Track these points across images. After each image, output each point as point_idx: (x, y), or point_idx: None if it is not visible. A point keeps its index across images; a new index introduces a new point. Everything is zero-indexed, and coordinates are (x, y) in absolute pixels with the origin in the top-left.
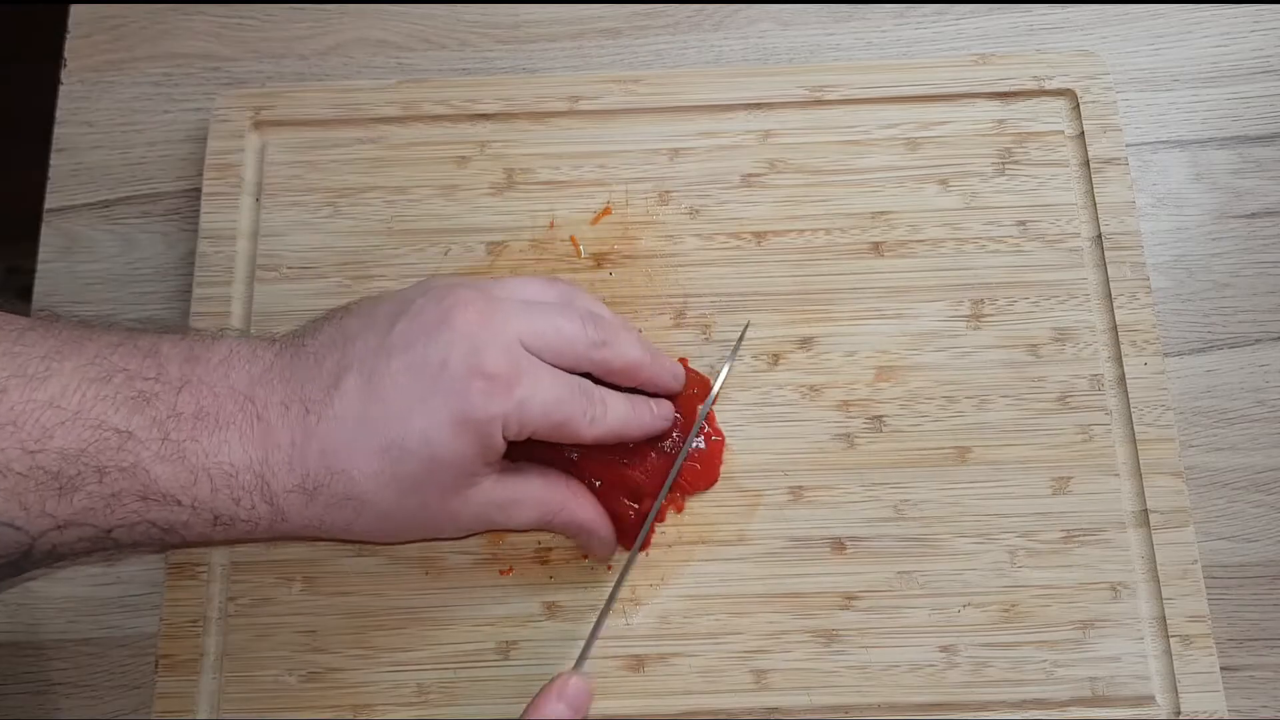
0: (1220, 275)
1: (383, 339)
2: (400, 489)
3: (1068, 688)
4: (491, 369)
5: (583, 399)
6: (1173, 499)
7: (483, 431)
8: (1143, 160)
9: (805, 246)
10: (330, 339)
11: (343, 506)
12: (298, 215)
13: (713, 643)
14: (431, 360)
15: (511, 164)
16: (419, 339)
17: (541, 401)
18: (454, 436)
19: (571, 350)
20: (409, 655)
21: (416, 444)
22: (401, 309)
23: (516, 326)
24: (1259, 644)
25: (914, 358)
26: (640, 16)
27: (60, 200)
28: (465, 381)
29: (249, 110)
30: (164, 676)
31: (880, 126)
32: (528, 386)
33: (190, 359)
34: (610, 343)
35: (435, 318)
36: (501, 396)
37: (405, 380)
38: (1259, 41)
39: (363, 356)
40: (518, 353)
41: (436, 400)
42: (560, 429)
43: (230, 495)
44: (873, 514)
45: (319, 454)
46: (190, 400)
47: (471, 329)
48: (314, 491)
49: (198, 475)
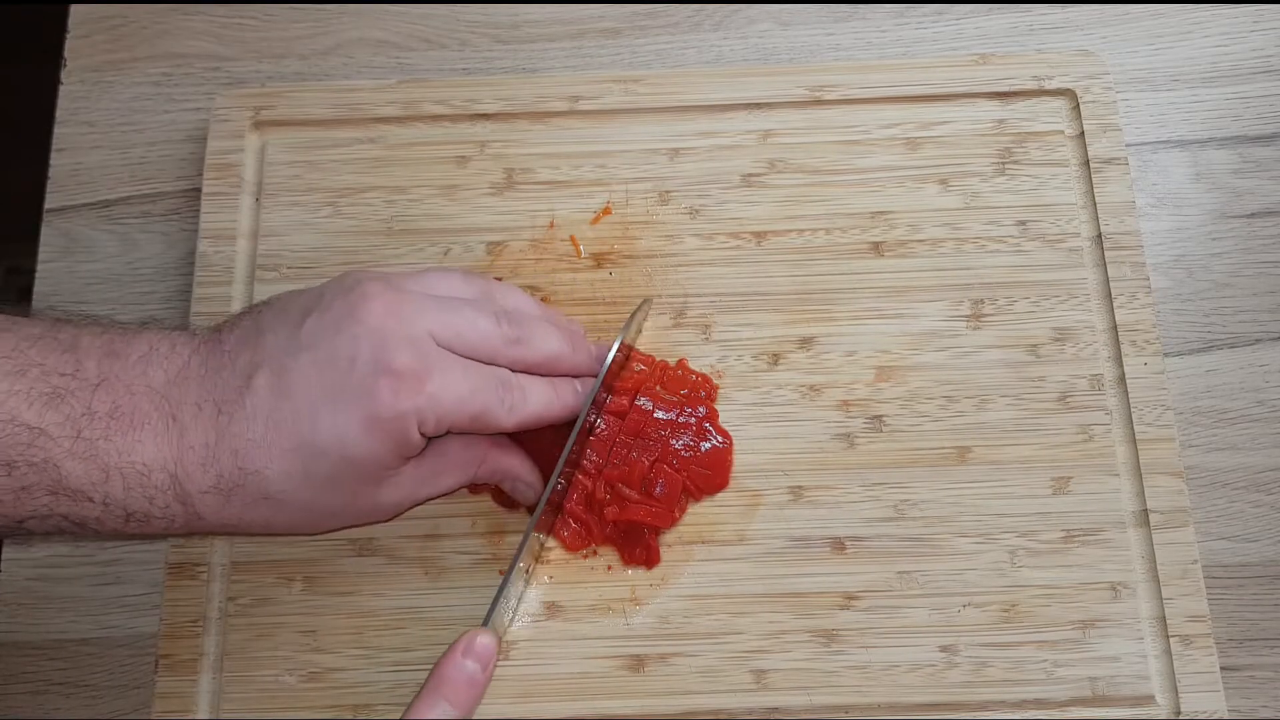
0: (1220, 275)
1: (293, 335)
2: (316, 487)
3: (1068, 688)
4: (399, 366)
5: (499, 389)
6: (1173, 499)
7: (395, 429)
8: (1143, 160)
9: (805, 246)
10: (245, 335)
11: (259, 505)
12: (298, 215)
13: (713, 643)
14: (339, 357)
15: (511, 164)
16: (327, 335)
17: (455, 395)
18: (365, 436)
19: (486, 345)
20: (409, 655)
21: (328, 443)
22: (313, 304)
23: (427, 321)
24: (1259, 644)
25: (914, 358)
26: (640, 16)
27: (60, 200)
28: (372, 380)
29: (249, 110)
30: (164, 676)
31: (880, 126)
32: (439, 381)
33: (109, 355)
34: (525, 339)
35: (343, 312)
36: (410, 393)
37: (314, 378)
38: (1259, 41)
39: (273, 353)
40: (428, 347)
41: (345, 399)
42: (478, 420)
43: (143, 494)
44: (873, 514)
45: (232, 454)
46: (106, 399)
47: (379, 323)
48: (229, 492)
49: (109, 473)
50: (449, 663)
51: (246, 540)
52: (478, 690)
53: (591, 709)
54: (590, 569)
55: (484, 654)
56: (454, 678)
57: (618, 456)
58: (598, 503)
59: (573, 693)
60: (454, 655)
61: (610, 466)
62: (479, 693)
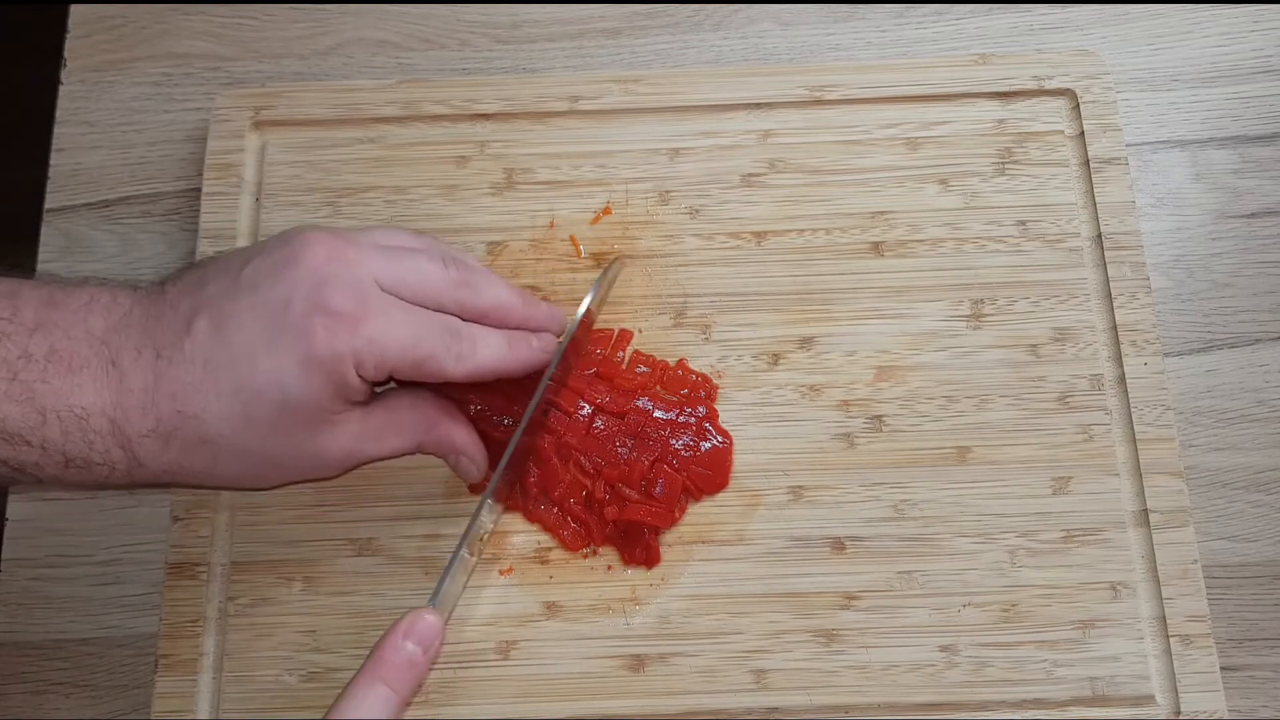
0: (1220, 275)
1: (233, 281)
2: (256, 431)
3: (1068, 687)
4: (335, 306)
5: (447, 336)
6: (1173, 499)
7: (332, 370)
8: (1143, 160)
9: (805, 246)
10: (188, 284)
11: (199, 450)
12: (298, 215)
13: (713, 643)
14: (276, 300)
15: (511, 164)
16: (265, 279)
17: (396, 338)
18: (303, 377)
19: (431, 289)
20: None
21: (266, 386)
22: (255, 252)
23: (371, 266)
24: (1259, 644)
25: (914, 358)
26: (640, 16)
27: (60, 200)
28: (308, 319)
29: (249, 110)
30: (164, 676)
31: (880, 126)
32: (378, 324)
33: (49, 304)
34: (472, 282)
35: (284, 257)
36: (346, 334)
37: (251, 321)
38: (1259, 41)
39: (214, 299)
40: (369, 290)
41: (283, 341)
42: (422, 367)
43: (82, 438)
44: (873, 514)
45: (170, 398)
46: (43, 342)
47: (318, 265)
48: (168, 436)
49: (47, 416)
50: (388, 644)
51: (246, 540)
52: (418, 673)
53: (591, 709)
54: (590, 569)
55: (426, 635)
56: (392, 660)
57: (617, 456)
58: (598, 503)
59: (573, 693)
60: (394, 636)
61: (610, 466)
62: (419, 675)
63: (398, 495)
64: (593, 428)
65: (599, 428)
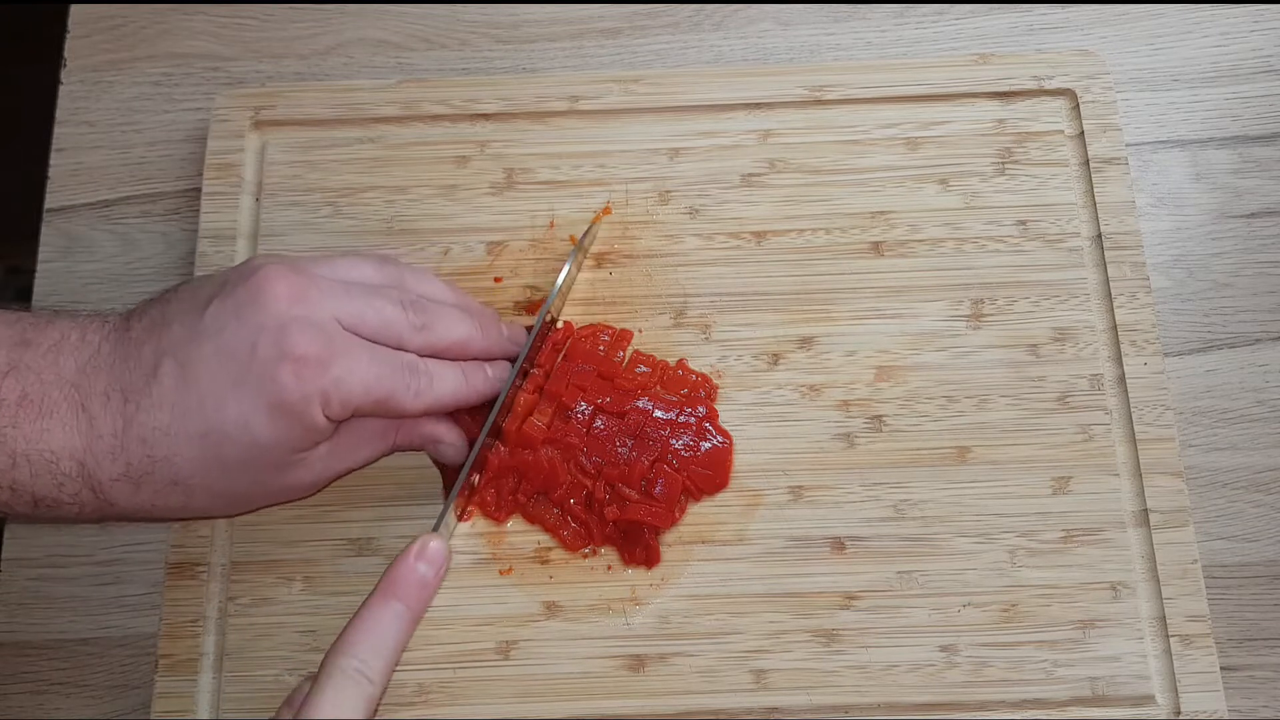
0: (1220, 275)
1: (196, 323)
2: (226, 472)
3: (1068, 687)
4: (301, 351)
5: (405, 374)
6: (1173, 499)
7: (299, 413)
8: (1143, 160)
9: (805, 246)
10: (152, 323)
11: (171, 492)
12: (298, 215)
13: (713, 643)
14: (240, 344)
15: (511, 164)
16: (229, 322)
17: (360, 379)
18: (271, 422)
19: (392, 332)
20: (409, 655)
21: (235, 430)
22: (217, 290)
23: (332, 306)
24: (1259, 644)
25: (914, 358)
26: (640, 16)
27: (60, 200)
28: (274, 365)
29: (249, 110)
30: (164, 676)
31: (880, 126)
32: (343, 365)
33: (21, 344)
34: (431, 325)
35: (245, 298)
36: (313, 378)
37: (217, 366)
38: (1259, 41)
39: (179, 341)
40: (332, 331)
41: (249, 386)
42: (383, 405)
43: (51, 481)
44: (873, 514)
45: (139, 442)
46: (15, 386)
47: (281, 308)
48: (139, 480)
49: (16, 460)
50: (402, 564)
51: (246, 540)
52: (428, 592)
53: (591, 709)
54: (590, 569)
55: (435, 558)
56: (407, 579)
57: (617, 456)
58: (598, 503)
59: (573, 693)
60: (407, 558)
61: (610, 466)
62: (429, 595)
63: (398, 495)
64: (593, 428)
65: (599, 428)
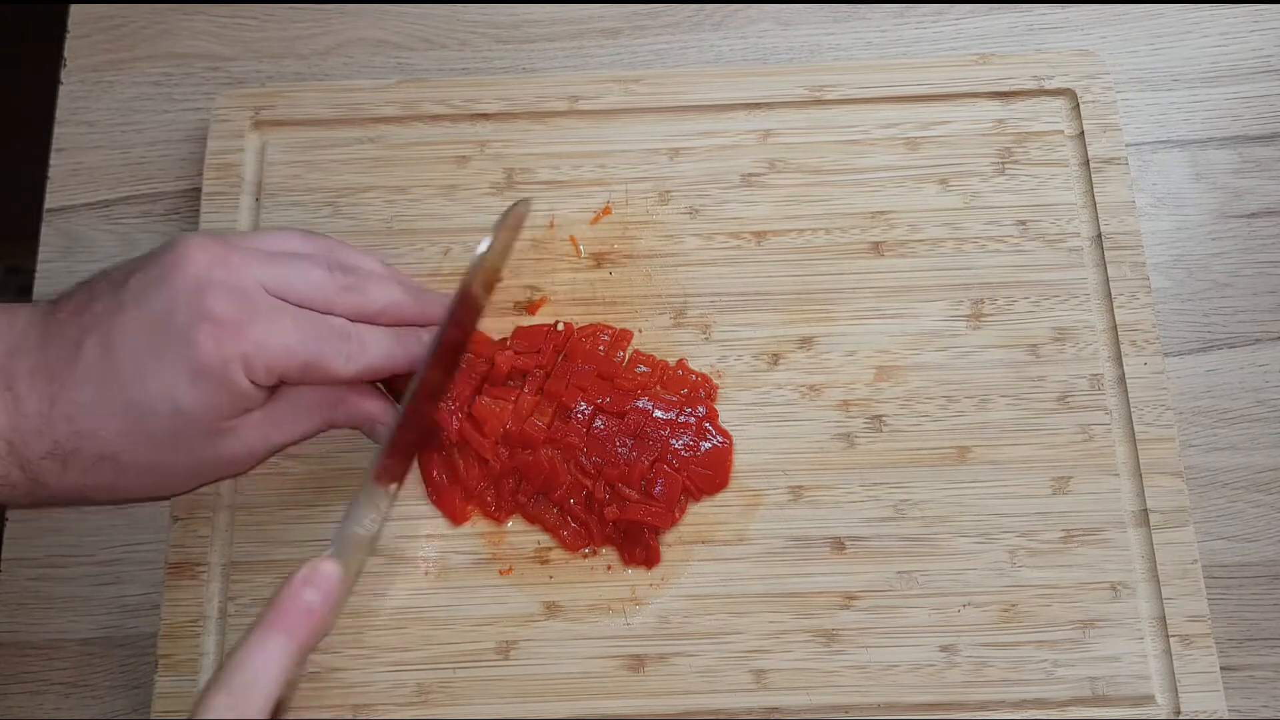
0: (1220, 275)
1: (118, 296)
2: (155, 444)
3: (1068, 687)
4: (218, 312)
5: (334, 338)
6: (1173, 499)
7: (220, 377)
8: (1143, 160)
9: (805, 246)
10: (78, 303)
11: (99, 468)
12: (298, 215)
13: (713, 643)
14: (159, 311)
15: (511, 164)
16: (149, 291)
17: (282, 342)
18: (193, 387)
19: (319, 294)
20: (409, 655)
21: (158, 400)
22: (139, 264)
23: (256, 272)
24: (1259, 644)
25: (914, 358)
26: (640, 16)
27: (60, 200)
28: (192, 329)
29: (249, 110)
30: (164, 676)
31: (880, 126)
32: (264, 328)
33: None
34: (360, 287)
35: (166, 267)
36: (231, 339)
37: (137, 335)
38: (1258, 41)
39: (100, 317)
40: (255, 295)
41: (168, 353)
42: (310, 369)
43: None
44: (873, 514)
45: (65, 419)
46: None
47: (199, 274)
48: (66, 457)
49: None
50: (285, 592)
51: (246, 540)
52: (315, 620)
53: (591, 709)
54: (590, 569)
55: (324, 583)
56: (289, 608)
57: (617, 456)
58: (598, 503)
59: (572, 693)
60: (291, 585)
61: (610, 466)
62: (316, 623)
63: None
64: (593, 428)
65: (599, 428)
